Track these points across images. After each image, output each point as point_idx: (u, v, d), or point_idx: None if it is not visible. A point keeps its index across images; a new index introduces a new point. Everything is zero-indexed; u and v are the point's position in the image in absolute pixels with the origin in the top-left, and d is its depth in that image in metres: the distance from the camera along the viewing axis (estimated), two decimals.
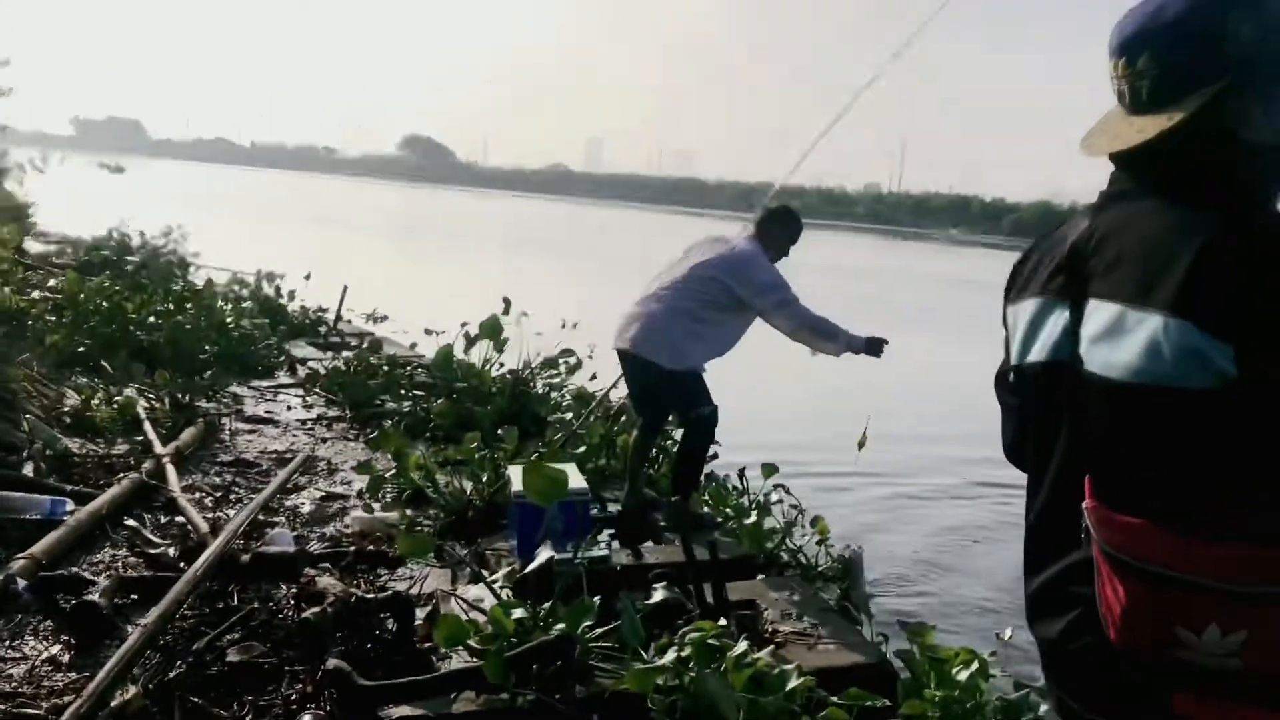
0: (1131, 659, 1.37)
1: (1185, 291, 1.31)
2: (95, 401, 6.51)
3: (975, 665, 3.14)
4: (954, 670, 3.15)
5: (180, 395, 6.82)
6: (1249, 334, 1.27)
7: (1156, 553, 1.31)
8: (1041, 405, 1.56)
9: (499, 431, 6.11)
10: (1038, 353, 1.56)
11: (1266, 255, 1.30)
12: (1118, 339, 1.39)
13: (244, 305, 10.56)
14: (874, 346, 5.03)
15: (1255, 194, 1.42)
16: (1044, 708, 2.74)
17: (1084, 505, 1.42)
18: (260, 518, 4.84)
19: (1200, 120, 1.42)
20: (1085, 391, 1.45)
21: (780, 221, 5.28)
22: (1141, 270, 1.38)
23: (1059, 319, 1.52)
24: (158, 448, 5.63)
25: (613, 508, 5.31)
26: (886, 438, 9.26)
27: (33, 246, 14.04)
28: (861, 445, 5.47)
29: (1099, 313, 1.43)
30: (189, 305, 9.45)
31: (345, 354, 9.25)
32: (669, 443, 5.99)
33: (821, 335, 4.98)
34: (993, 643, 4.29)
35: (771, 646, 3.41)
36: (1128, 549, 1.34)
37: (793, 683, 2.70)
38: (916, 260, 42.43)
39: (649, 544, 4.81)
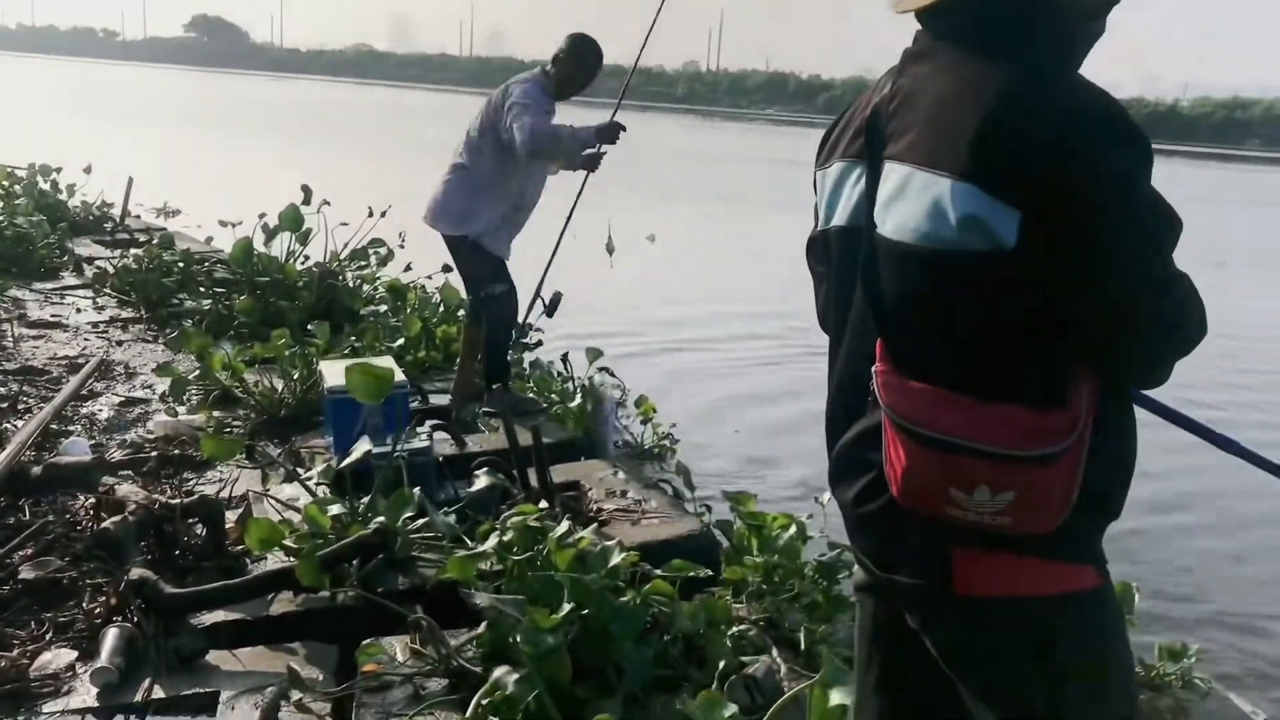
0: (914, 518, 1.41)
1: (973, 155, 1.30)
2: None
3: (793, 529, 3.25)
4: (773, 535, 3.25)
5: None
6: (1035, 198, 1.27)
7: (935, 418, 1.34)
8: (842, 271, 1.56)
9: (309, 327, 5.88)
10: (839, 217, 1.55)
11: (1058, 118, 1.29)
12: (907, 202, 1.38)
13: (17, 202, 9.65)
14: (606, 133, 4.84)
15: (1053, 53, 1.40)
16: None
17: (873, 369, 1.43)
18: (53, 427, 4.53)
19: None
20: (877, 255, 1.44)
21: (576, 54, 4.90)
22: (932, 132, 1.37)
23: (858, 183, 1.50)
24: None
25: (435, 399, 5.22)
26: (738, 315, 9.49)
27: None
28: (611, 251, 5.55)
29: (892, 175, 1.42)
30: None
31: (135, 251, 8.62)
32: None
33: (552, 141, 4.73)
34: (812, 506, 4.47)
35: (595, 525, 3.44)
36: (909, 414, 1.36)
37: (615, 559, 2.72)
38: (738, 141, 42.78)
39: (475, 434, 4.75)
